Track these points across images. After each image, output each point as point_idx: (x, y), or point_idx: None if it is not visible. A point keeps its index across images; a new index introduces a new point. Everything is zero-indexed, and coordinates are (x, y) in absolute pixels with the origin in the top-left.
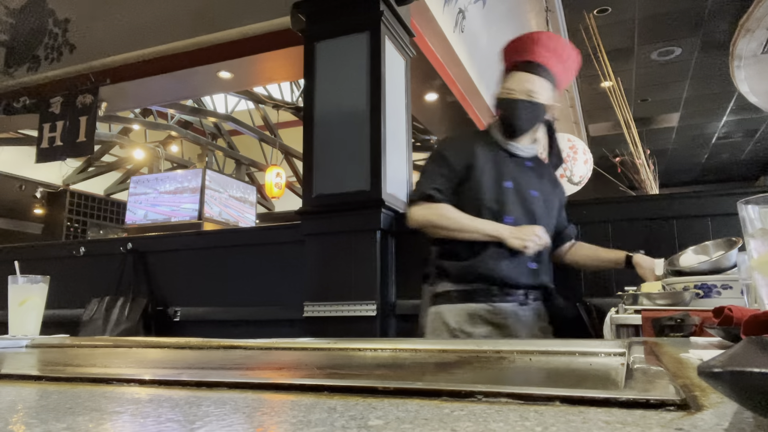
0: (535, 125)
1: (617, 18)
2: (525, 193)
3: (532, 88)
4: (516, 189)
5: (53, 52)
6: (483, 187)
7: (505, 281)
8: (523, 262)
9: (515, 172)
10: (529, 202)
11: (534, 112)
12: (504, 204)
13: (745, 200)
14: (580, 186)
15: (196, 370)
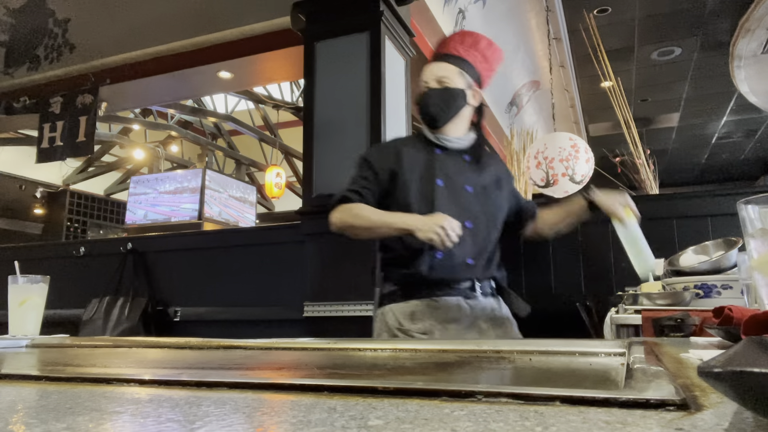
0: (453, 112)
1: (617, 18)
2: (459, 190)
3: (442, 74)
4: (448, 186)
5: (53, 52)
6: (411, 188)
7: (442, 278)
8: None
9: (449, 168)
10: (464, 199)
11: (447, 98)
12: (434, 204)
13: (745, 200)
14: (581, 185)
15: (196, 370)
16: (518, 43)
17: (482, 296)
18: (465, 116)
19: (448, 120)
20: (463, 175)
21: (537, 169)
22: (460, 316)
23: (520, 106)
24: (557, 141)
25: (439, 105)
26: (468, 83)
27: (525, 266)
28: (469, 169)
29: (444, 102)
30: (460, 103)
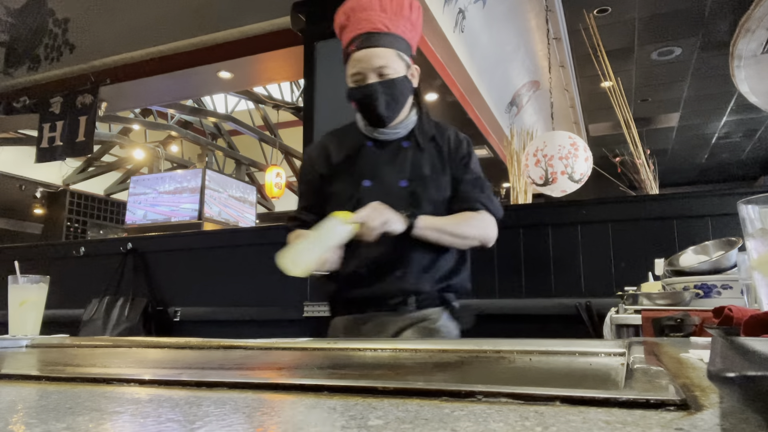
0: (402, 106)
1: (617, 18)
2: (390, 188)
3: (381, 63)
4: (377, 186)
5: (53, 52)
6: (338, 192)
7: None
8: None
9: (380, 163)
10: (395, 196)
11: (395, 93)
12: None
13: (745, 200)
14: (580, 184)
15: (196, 370)
16: (518, 43)
17: (417, 309)
18: (408, 103)
19: (397, 116)
20: (399, 168)
21: (536, 167)
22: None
23: (520, 106)
24: (556, 139)
25: (387, 103)
26: (406, 63)
27: (525, 266)
28: (408, 158)
29: (392, 98)
30: (407, 93)
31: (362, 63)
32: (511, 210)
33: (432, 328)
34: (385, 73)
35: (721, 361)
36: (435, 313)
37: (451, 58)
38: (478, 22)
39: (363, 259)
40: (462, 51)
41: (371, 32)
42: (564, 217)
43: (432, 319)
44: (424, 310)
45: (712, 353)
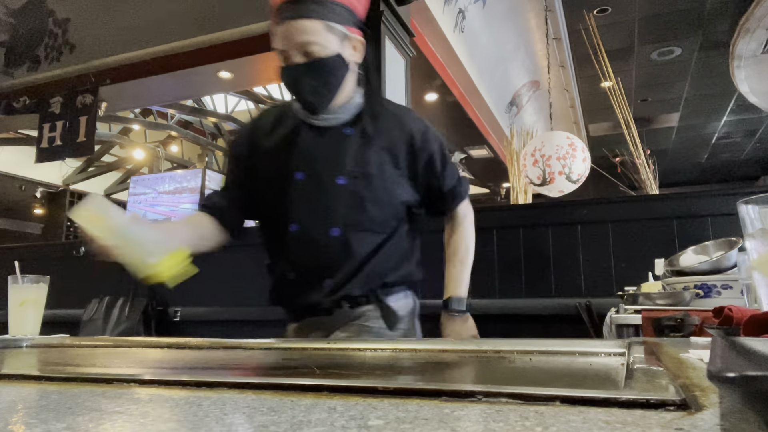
0: (335, 89)
1: (617, 18)
2: (325, 184)
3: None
4: (311, 180)
5: (53, 52)
6: (269, 183)
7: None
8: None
9: (317, 153)
10: (331, 195)
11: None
12: (290, 206)
13: (745, 200)
14: (578, 184)
15: (196, 370)
16: (518, 43)
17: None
18: (348, 83)
19: (330, 101)
20: (337, 160)
21: (534, 167)
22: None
23: (520, 106)
24: (554, 139)
25: (314, 88)
26: (342, 35)
27: (525, 266)
28: (350, 150)
29: (321, 82)
30: (342, 74)
31: (283, 39)
32: (511, 210)
33: (365, 325)
34: (310, 51)
35: (721, 361)
36: (371, 310)
37: (451, 58)
38: (478, 22)
39: (288, 259)
40: (462, 51)
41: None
42: (564, 217)
43: (366, 316)
44: (358, 308)
45: (712, 353)
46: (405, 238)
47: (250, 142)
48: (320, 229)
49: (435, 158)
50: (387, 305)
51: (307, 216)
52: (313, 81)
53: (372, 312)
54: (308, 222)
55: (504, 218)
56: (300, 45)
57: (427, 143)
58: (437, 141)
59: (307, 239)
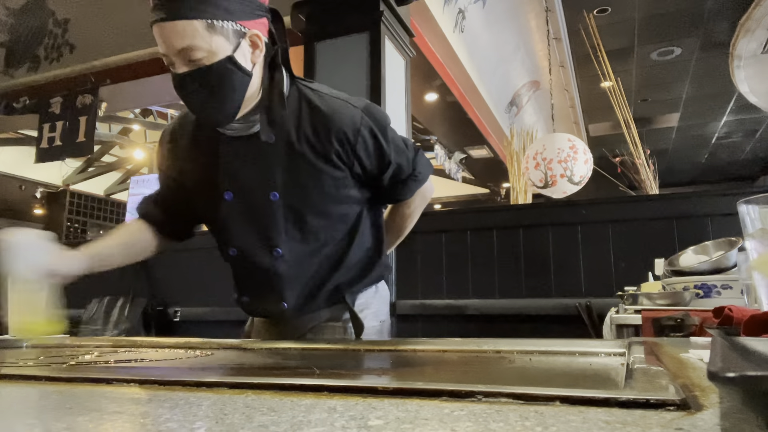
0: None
1: (617, 18)
2: (258, 201)
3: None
4: (241, 199)
5: (53, 52)
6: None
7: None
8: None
9: (244, 168)
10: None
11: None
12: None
13: (745, 200)
14: (580, 185)
15: (196, 370)
16: (518, 43)
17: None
18: (253, 86)
19: (233, 113)
20: (265, 172)
21: (536, 170)
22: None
23: (520, 107)
24: (556, 142)
25: (202, 103)
26: (233, 32)
27: (525, 266)
28: (276, 159)
29: (211, 94)
30: (238, 80)
31: (161, 45)
32: (511, 210)
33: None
34: (194, 58)
35: (721, 361)
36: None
37: (451, 58)
38: (478, 22)
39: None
40: (462, 51)
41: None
42: (564, 217)
43: (335, 316)
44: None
45: (712, 353)
46: (366, 238)
47: (172, 152)
48: (261, 251)
49: (374, 154)
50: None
51: (244, 239)
52: (202, 93)
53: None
54: (246, 245)
55: (504, 218)
56: (179, 51)
57: (363, 140)
58: (376, 135)
59: (249, 264)
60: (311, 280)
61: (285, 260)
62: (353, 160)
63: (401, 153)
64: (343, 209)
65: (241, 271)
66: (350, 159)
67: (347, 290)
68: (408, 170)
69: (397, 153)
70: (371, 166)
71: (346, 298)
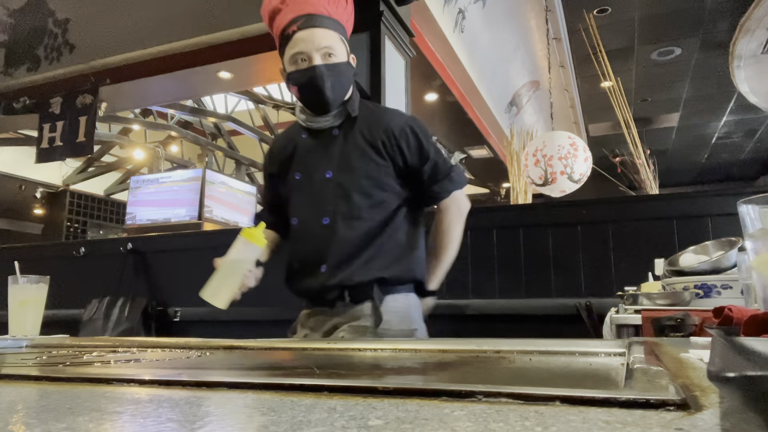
0: (346, 91)
1: (617, 18)
2: (317, 180)
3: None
4: (306, 178)
5: (53, 52)
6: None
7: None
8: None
9: (311, 154)
10: (321, 188)
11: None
12: (291, 204)
13: (745, 200)
14: (579, 184)
15: (196, 370)
16: (518, 43)
17: (353, 303)
18: (350, 90)
19: (342, 99)
20: (326, 157)
21: (535, 167)
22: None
23: (520, 106)
24: (556, 139)
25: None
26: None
27: (525, 266)
28: (335, 147)
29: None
30: (350, 80)
31: (307, 43)
32: (511, 210)
33: (367, 326)
34: (331, 54)
35: (721, 361)
36: (368, 308)
37: (451, 58)
38: (478, 22)
39: (294, 250)
40: (462, 51)
41: (314, 14)
42: (564, 217)
43: (366, 315)
44: (358, 305)
45: (712, 353)
46: (402, 233)
47: (271, 159)
48: (314, 219)
49: (414, 150)
50: (377, 306)
51: (303, 209)
52: (332, 80)
53: (366, 309)
54: (304, 215)
55: (504, 218)
56: (323, 49)
57: (406, 136)
58: (417, 134)
59: (304, 230)
60: (348, 250)
61: (330, 229)
62: (396, 153)
63: (439, 153)
64: (383, 195)
65: (297, 239)
66: (393, 151)
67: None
68: (444, 170)
69: (435, 152)
70: (412, 159)
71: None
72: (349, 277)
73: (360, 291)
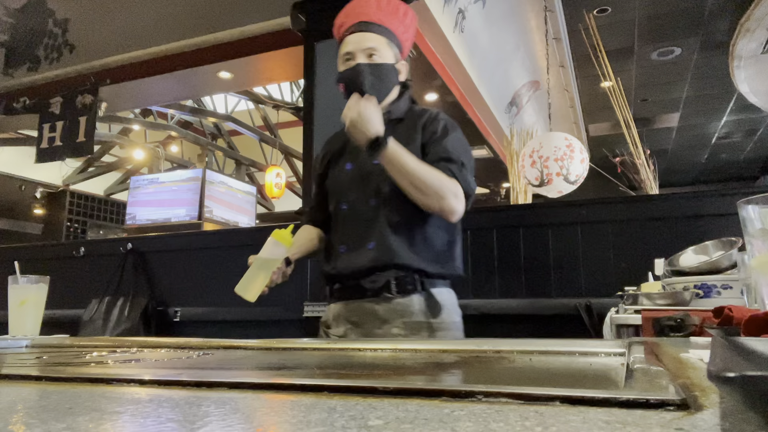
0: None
1: (617, 18)
2: (367, 167)
3: (371, 44)
4: (357, 168)
5: (53, 52)
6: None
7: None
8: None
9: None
10: (371, 175)
11: (381, 75)
12: (342, 191)
13: (745, 200)
14: (576, 185)
15: (196, 370)
16: (518, 43)
17: (400, 295)
18: (393, 93)
19: (381, 100)
20: None
21: (532, 168)
22: (368, 320)
23: (520, 107)
24: (552, 140)
25: (372, 83)
26: (396, 56)
27: (525, 266)
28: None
29: (378, 80)
30: (394, 81)
31: (353, 44)
32: (511, 210)
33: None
34: (374, 54)
35: (721, 361)
36: (418, 302)
37: (451, 58)
38: (478, 22)
39: (340, 234)
40: (462, 51)
41: (365, 21)
42: (564, 217)
43: (417, 311)
44: (406, 296)
45: (712, 353)
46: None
47: (323, 159)
48: (362, 201)
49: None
50: (430, 293)
51: (353, 195)
52: (372, 78)
53: (416, 303)
54: (354, 199)
55: (504, 218)
56: (366, 49)
57: (431, 124)
58: (442, 123)
59: (352, 213)
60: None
61: (377, 209)
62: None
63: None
64: None
65: (345, 222)
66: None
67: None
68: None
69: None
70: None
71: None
72: (396, 255)
73: (406, 280)
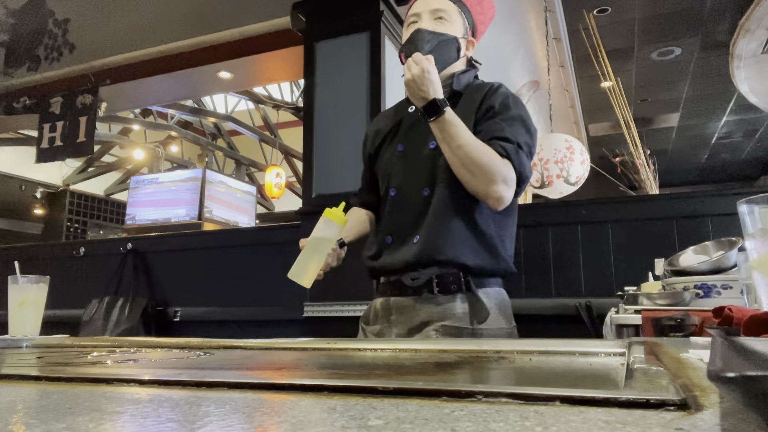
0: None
1: (617, 18)
2: (419, 149)
3: (439, 6)
4: (408, 150)
5: (53, 52)
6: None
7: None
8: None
9: (416, 126)
10: (422, 158)
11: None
12: (392, 173)
13: (745, 200)
14: (576, 186)
15: (196, 370)
16: (518, 43)
17: (441, 294)
18: (454, 67)
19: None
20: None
21: (532, 170)
22: (406, 320)
23: None
24: (552, 142)
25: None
26: (465, 29)
27: (525, 266)
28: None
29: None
30: (454, 55)
31: (421, 5)
32: None
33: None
34: (442, 17)
35: (721, 361)
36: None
37: None
38: None
39: (388, 223)
40: None
41: None
42: (564, 217)
43: (458, 314)
44: (448, 296)
45: (712, 353)
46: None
47: (373, 138)
48: (414, 190)
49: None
50: (476, 295)
51: (403, 180)
52: (429, 45)
53: (459, 305)
54: (404, 185)
55: None
56: (433, 10)
57: (489, 97)
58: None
59: (402, 201)
60: (444, 222)
61: (429, 200)
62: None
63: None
64: None
65: (393, 210)
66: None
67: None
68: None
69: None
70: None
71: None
72: (441, 251)
73: (449, 279)
